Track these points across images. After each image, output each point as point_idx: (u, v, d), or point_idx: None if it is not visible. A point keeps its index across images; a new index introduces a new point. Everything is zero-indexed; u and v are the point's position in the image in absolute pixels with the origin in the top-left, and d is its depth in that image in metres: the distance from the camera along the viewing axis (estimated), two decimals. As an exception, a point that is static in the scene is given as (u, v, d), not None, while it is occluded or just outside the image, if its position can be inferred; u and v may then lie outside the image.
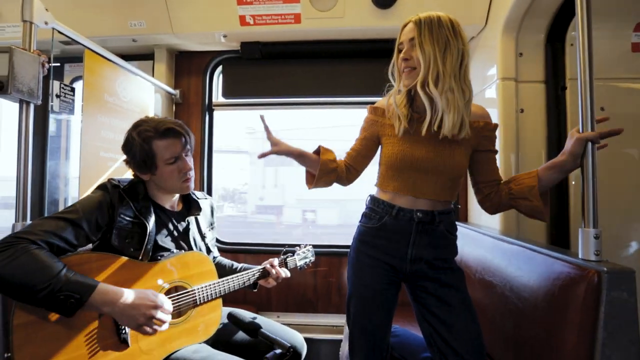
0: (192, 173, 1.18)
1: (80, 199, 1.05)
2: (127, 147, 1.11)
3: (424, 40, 0.98)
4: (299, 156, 1.13)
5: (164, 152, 1.09)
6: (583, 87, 0.90)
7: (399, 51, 1.06)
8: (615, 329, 0.78)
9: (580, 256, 0.90)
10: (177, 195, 1.24)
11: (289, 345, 1.02)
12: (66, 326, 0.90)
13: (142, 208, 1.10)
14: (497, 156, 1.57)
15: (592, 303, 0.80)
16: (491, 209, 1.13)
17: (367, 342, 1.09)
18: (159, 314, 0.94)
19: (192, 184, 1.19)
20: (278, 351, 1.01)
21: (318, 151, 1.16)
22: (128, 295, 0.92)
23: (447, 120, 0.98)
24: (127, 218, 1.07)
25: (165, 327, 0.97)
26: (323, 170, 1.12)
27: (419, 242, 1.06)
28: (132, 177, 1.17)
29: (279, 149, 1.10)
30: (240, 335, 1.27)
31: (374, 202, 1.13)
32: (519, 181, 1.04)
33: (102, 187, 1.09)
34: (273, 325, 1.33)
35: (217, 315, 1.21)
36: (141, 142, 1.07)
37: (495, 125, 1.10)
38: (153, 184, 1.16)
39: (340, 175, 1.16)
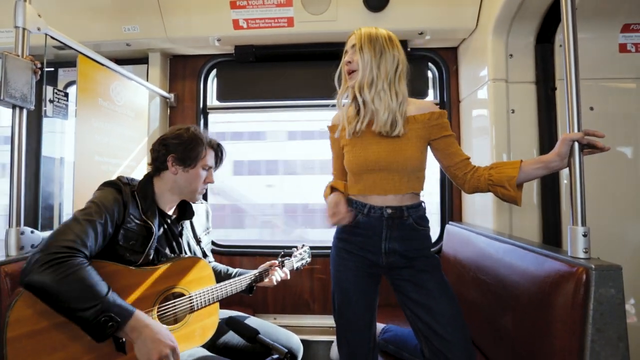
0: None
1: (97, 198, 1.04)
2: (179, 138, 1.17)
3: (364, 46, 1.10)
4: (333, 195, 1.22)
5: (208, 158, 1.22)
6: (569, 88, 0.92)
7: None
8: (603, 324, 0.80)
9: (569, 254, 0.91)
10: (177, 201, 1.25)
11: (285, 350, 1.03)
12: (62, 339, 0.89)
13: (148, 210, 1.11)
14: (489, 156, 1.61)
15: (580, 300, 0.82)
16: (469, 190, 1.16)
17: (352, 333, 1.14)
18: (170, 357, 0.93)
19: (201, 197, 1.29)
20: (275, 356, 1.02)
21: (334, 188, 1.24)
22: (155, 327, 0.92)
23: (378, 118, 1.09)
24: (135, 220, 1.08)
25: None
26: (340, 185, 1.22)
27: (390, 236, 1.12)
28: (143, 177, 1.20)
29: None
30: (236, 339, 1.27)
31: (349, 203, 1.18)
32: (501, 169, 1.08)
33: (112, 184, 1.09)
34: (269, 327, 1.34)
35: (214, 320, 1.21)
36: (194, 139, 1.17)
37: (441, 113, 1.14)
38: (165, 184, 1.18)
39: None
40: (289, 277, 1.45)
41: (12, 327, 0.83)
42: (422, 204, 1.18)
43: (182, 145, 1.16)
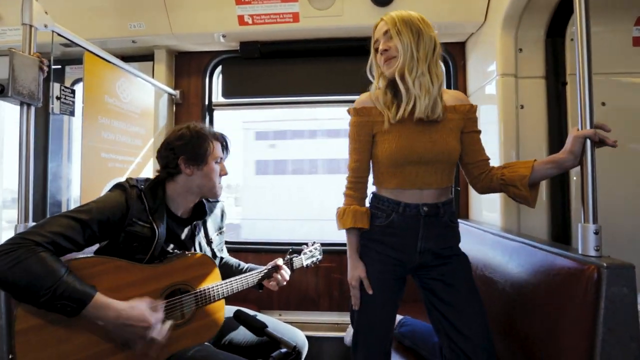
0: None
1: (97, 198, 1.04)
2: (183, 139, 1.15)
3: (401, 29, 1.03)
4: (356, 251, 1.14)
5: (216, 150, 1.20)
6: (582, 83, 0.90)
7: (376, 50, 1.11)
8: (615, 324, 0.78)
9: (580, 252, 0.89)
10: (195, 201, 1.23)
11: (294, 344, 1.02)
12: (68, 330, 0.90)
13: (156, 212, 1.09)
14: (497, 152, 1.58)
15: (592, 298, 0.80)
16: (481, 190, 1.16)
17: (372, 336, 1.10)
18: (153, 334, 0.93)
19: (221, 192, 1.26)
20: (283, 350, 1.01)
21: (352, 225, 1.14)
22: (122, 311, 0.90)
23: (420, 103, 1.02)
24: (140, 222, 1.06)
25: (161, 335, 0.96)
26: (367, 219, 1.12)
27: (427, 235, 1.08)
28: (154, 178, 1.18)
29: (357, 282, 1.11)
30: (242, 334, 1.27)
31: (378, 201, 1.12)
32: (513, 168, 1.06)
33: (119, 186, 1.09)
34: (275, 323, 1.33)
35: (220, 316, 1.21)
36: (198, 136, 1.16)
37: (475, 106, 1.13)
38: (181, 187, 1.16)
39: (362, 202, 1.17)
40: (287, 278, 1.37)
41: (20, 320, 0.86)
42: (453, 198, 1.15)
43: (188, 145, 1.14)
